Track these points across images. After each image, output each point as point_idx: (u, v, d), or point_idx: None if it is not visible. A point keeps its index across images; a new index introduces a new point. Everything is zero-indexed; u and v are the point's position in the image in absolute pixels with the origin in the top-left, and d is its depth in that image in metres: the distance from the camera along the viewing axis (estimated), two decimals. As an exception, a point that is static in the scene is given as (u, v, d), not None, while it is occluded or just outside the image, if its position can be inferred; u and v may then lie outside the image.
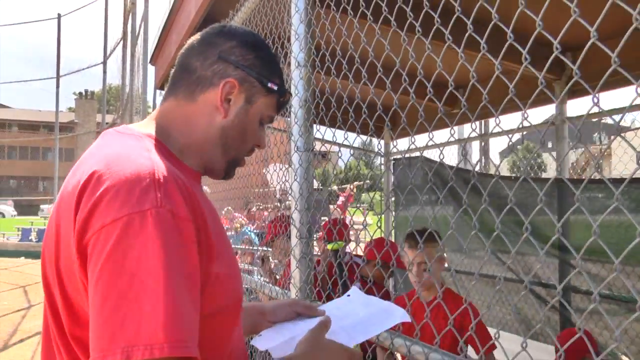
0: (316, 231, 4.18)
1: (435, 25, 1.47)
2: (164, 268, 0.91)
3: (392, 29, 1.68)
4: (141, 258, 0.91)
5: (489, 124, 6.85)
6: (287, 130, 2.34)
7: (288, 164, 2.40)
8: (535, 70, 1.11)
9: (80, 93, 56.87)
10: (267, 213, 8.80)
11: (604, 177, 1.05)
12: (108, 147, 1.11)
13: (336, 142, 4.27)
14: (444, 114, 1.45)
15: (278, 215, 5.08)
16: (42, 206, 38.67)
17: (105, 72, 20.52)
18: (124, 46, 15.17)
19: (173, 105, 1.25)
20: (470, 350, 2.51)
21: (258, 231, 7.76)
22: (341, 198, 11.80)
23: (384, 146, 7.19)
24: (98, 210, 0.95)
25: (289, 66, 2.34)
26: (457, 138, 6.14)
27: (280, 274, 4.07)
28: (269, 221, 5.23)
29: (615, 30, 2.05)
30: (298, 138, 2.26)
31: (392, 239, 5.42)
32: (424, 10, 1.56)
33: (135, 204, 0.94)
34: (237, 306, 1.18)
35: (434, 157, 6.19)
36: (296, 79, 2.28)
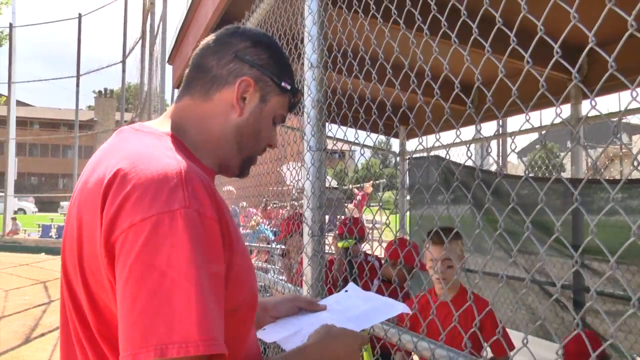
0: (335, 229, 4.20)
1: (448, 26, 1.49)
2: (193, 267, 0.92)
3: (424, 35, 1.67)
4: (171, 257, 0.92)
5: (507, 124, 6.83)
6: (300, 129, 2.36)
7: (301, 163, 2.43)
8: (550, 70, 1.11)
9: (99, 91, 57.19)
10: (283, 211, 8.80)
11: (606, 178, 1.07)
12: (129, 145, 1.12)
13: (353, 141, 4.29)
14: (469, 113, 1.47)
15: (292, 213, 5.09)
16: (61, 203, 39.04)
17: (124, 70, 20.69)
18: (143, 45, 15.27)
19: (188, 103, 1.26)
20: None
21: (274, 229, 7.76)
22: (358, 197, 11.79)
23: (400, 145, 7.19)
24: (126, 208, 0.96)
25: (302, 67, 2.37)
26: (475, 137, 6.12)
27: (294, 272, 4.09)
28: (283, 219, 5.25)
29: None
30: (310, 137, 2.28)
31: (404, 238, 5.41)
32: (447, 8, 1.53)
33: (164, 204, 0.95)
34: (253, 303, 1.20)
35: (454, 156, 6.19)
36: (309, 80, 2.30)
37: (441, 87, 1.57)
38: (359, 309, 1.50)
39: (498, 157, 6.97)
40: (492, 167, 6.95)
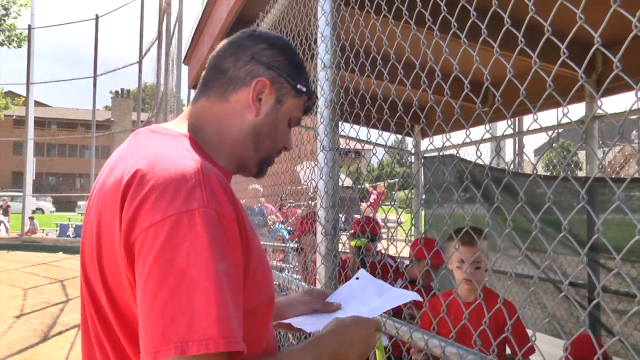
0: (351, 228, 4.20)
1: (455, 25, 1.50)
2: (212, 265, 0.93)
3: (440, 34, 1.69)
4: (190, 256, 0.93)
5: (523, 122, 6.79)
6: (314, 128, 2.38)
7: (315, 162, 2.45)
8: (564, 68, 1.11)
9: (116, 92, 57.61)
10: (300, 210, 8.81)
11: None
12: (146, 146, 1.13)
13: (373, 141, 4.28)
14: (482, 112, 1.49)
15: (307, 212, 5.10)
16: (79, 202, 39.37)
17: (140, 71, 20.82)
18: (159, 46, 15.36)
19: (205, 105, 1.28)
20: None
21: (290, 228, 7.77)
22: (373, 196, 11.78)
23: (415, 145, 7.20)
24: (145, 208, 0.97)
25: (315, 67, 2.39)
26: (487, 136, 6.11)
27: (308, 270, 4.11)
28: (297, 218, 5.26)
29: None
30: (324, 137, 2.30)
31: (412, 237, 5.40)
32: (458, 7, 1.54)
33: (183, 204, 0.96)
34: (271, 302, 1.21)
35: (468, 155, 6.18)
36: (322, 80, 2.32)
37: (454, 86, 1.58)
38: (371, 300, 1.51)
39: (514, 155, 6.93)
40: (510, 166, 6.93)
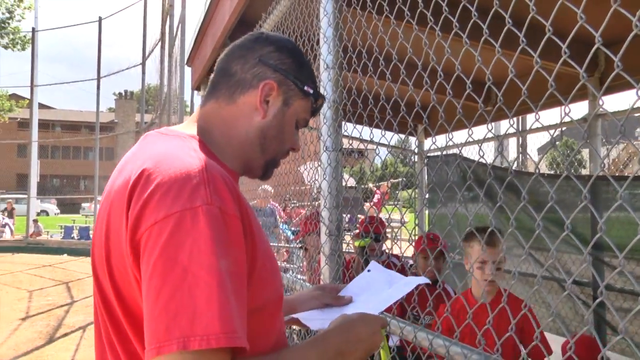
0: (355, 228, 4.21)
1: (454, 24, 1.50)
2: (215, 262, 0.95)
3: (436, 35, 1.70)
4: (193, 252, 0.94)
5: (527, 121, 6.79)
6: (317, 129, 2.39)
7: (318, 163, 2.46)
8: (567, 67, 1.11)
9: (120, 93, 57.69)
10: (304, 211, 8.81)
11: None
12: (154, 147, 1.16)
13: (376, 141, 4.29)
14: (483, 111, 1.49)
15: (311, 212, 5.11)
16: (83, 204, 39.37)
17: (144, 72, 20.79)
18: (162, 47, 15.40)
19: (214, 107, 1.30)
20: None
21: (294, 229, 7.78)
22: (377, 196, 11.77)
23: (418, 144, 7.20)
24: (150, 207, 0.99)
25: (318, 68, 2.39)
26: (493, 134, 6.10)
27: (313, 270, 4.11)
28: (301, 219, 5.27)
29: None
30: (327, 138, 2.31)
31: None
32: (460, 6, 1.54)
33: (187, 201, 0.98)
34: (279, 300, 1.22)
35: (472, 154, 6.17)
36: (325, 81, 2.32)
37: (456, 86, 1.59)
38: (381, 291, 1.51)
39: (517, 154, 6.93)
40: (514, 164, 6.92)
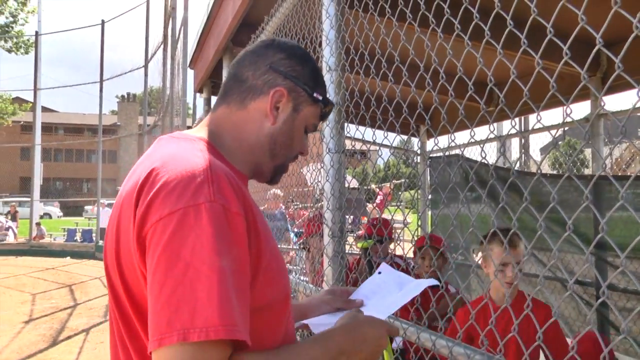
0: (358, 229, 4.21)
1: (455, 24, 1.51)
2: (216, 257, 0.98)
3: (438, 37, 1.70)
4: (195, 248, 0.98)
5: (529, 121, 6.79)
6: (320, 131, 2.39)
7: (321, 165, 2.46)
8: (569, 67, 1.11)
9: (122, 96, 57.82)
10: (306, 212, 8.81)
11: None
12: (164, 149, 1.20)
13: (379, 142, 4.29)
14: (485, 112, 1.50)
15: (314, 214, 5.11)
16: (86, 207, 39.38)
17: (146, 75, 20.82)
18: (165, 49, 15.40)
19: (225, 112, 1.34)
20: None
21: (297, 230, 7.78)
22: (379, 197, 11.78)
23: (420, 145, 7.20)
24: (155, 204, 1.03)
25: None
26: (495, 135, 6.10)
27: (315, 272, 4.11)
28: (304, 220, 5.28)
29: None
30: (329, 140, 2.32)
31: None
32: (462, 8, 1.55)
33: (190, 198, 1.02)
34: (286, 299, 1.24)
35: (474, 155, 6.17)
36: (327, 83, 2.32)
37: (458, 87, 1.59)
38: (391, 294, 1.51)
39: (520, 154, 6.93)
40: (516, 165, 6.93)
